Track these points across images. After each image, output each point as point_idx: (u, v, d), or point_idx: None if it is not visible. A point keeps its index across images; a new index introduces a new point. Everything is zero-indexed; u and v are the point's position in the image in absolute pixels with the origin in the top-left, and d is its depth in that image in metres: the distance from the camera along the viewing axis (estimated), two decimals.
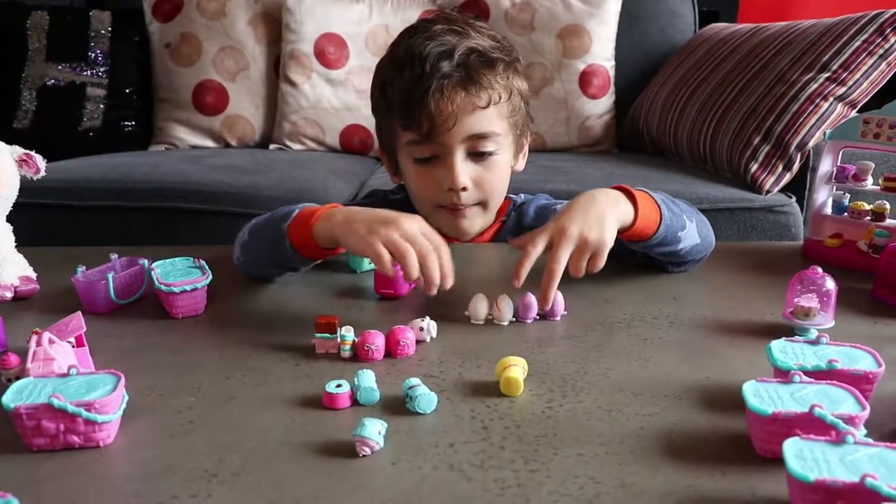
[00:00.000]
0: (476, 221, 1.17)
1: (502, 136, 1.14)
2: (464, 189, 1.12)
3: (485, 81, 1.10)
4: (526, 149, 1.25)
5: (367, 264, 1.07)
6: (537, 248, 0.89)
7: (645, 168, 1.96)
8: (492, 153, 1.13)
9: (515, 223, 1.24)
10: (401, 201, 1.24)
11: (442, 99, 1.08)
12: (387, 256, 0.85)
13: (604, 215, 0.90)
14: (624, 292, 0.98)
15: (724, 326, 0.89)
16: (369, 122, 2.37)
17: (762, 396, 0.63)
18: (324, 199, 1.78)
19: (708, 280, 1.07)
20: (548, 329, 0.89)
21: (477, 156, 1.12)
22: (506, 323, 0.90)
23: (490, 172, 1.14)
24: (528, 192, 1.30)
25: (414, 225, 0.88)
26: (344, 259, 1.10)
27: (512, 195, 1.25)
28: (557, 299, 0.90)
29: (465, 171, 1.12)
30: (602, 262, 0.90)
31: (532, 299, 0.90)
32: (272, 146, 2.35)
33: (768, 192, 1.75)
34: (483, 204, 1.16)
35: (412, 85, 1.09)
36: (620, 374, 0.76)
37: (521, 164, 1.24)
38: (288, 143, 2.33)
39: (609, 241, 0.89)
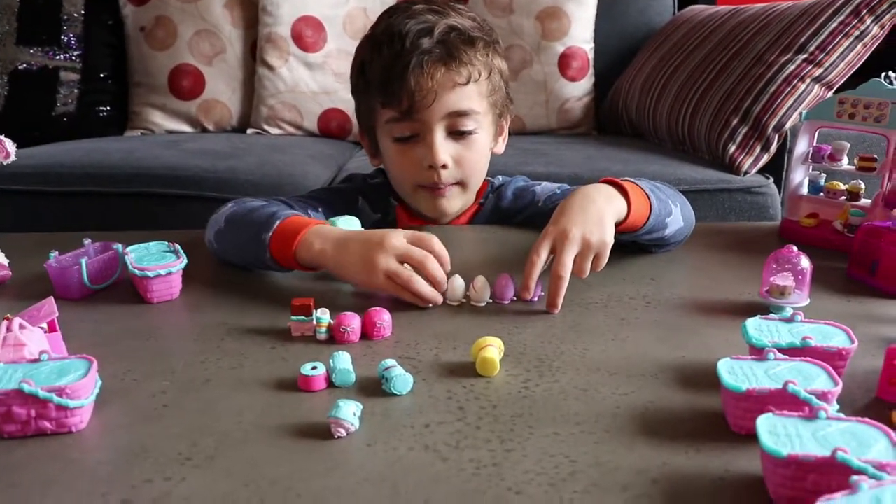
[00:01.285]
0: (455, 202, 1.17)
1: (482, 114, 1.14)
2: (444, 167, 1.11)
3: (465, 58, 1.10)
4: (506, 132, 1.25)
5: None
6: (541, 257, 0.89)
7: (624, 150, 1.96)
8: (472, 132, 1.13)
9: (493, 205, 1.24)
10: (379, 185, 1.24)
11: (422, 75, 1.07)
12: (394, 289, 0.88)
13: (602, 214, 0.91)
14: (601, 273, 0.98)
15: (701, 306, 0.90)
16: (348, 105, 2.37)
17: (737, 374, 0.63)
18: (302, 183, 1.77)
19: (685, 260, 1.07)
20: (524, 310, 0.89)
21: (457, 134, 1.12)
22: (482, 304, 0.90)
23: (470, 151, 1.14)
24: (507, 175, 1.30)
25: (400, 237, 0.88)
26: None
27: (489, 177, 1.25)
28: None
29: (445, 148, 1.11)
30: (605, 261, 0.91)
31: (509, 280, 0.90)
32: (249, 130, 2.33)
33: (746, 172, 1.76)
34: (462, 184, 1.16)
35: (392, 62, 1.08)
36: (597, 354, 0.77)
37: (500, 147, 1.24)
38: (265, 127, 2.32)
39: (610, 240, 0.90)
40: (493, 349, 0.73)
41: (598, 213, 0.91)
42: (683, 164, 1.79)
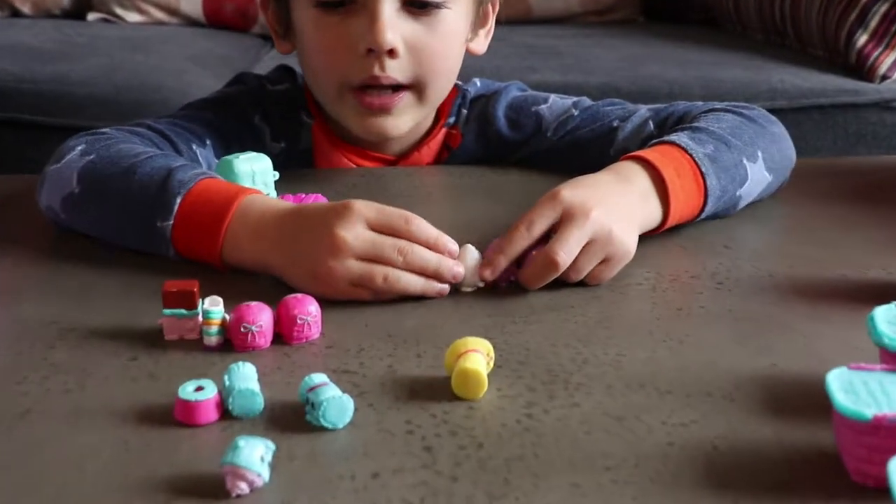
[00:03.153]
0: (404, 119, 1.17)
1: None
2: (391, 52, 1.10)
3: None
4: (491, 22, 1.25)
5: (249, 182, 1.03)
6: (534, 230, 0.90)
7: (688, 46, 1.97)
8: (438, 5, 1.12)
9: (477, 135, 1.23)
10: (283, 94, 1.23)
11: None
12: (371, 295, 0.88)
13: (632, 214, 0.94)
14: (646, 241, 0.99)
15: (803, 288, 0.91)
16: None
17: (858, 392, 0.64)
18: (178, 102, 1.75)
19: (779, 217, 1.09)
20: (528, 296, 0.90)
21: (416, 7, 1.12)
22: (471, 288, 0.91)
23: (433, 36, 1.14)
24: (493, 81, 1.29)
25: (359, 225, 0.88)
26: None
27: (459, 82, 1.24)
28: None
29: (395, 25, 1.11)
30: (613, 273, 0.93)
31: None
32: (92, 16, 2.32)
33: (885, 77, 1.77)
34: (418, 88, 1.15)
35: None
36: (639, 363, 0.78)
37: (481, 44, 1.24)
38: (118, 11, 2.30)
39: (633, 251, 0.93)
40: (477, 357, 0.73)
41: (628, 208, 0.94)
42: (782, 67, 1.80)
